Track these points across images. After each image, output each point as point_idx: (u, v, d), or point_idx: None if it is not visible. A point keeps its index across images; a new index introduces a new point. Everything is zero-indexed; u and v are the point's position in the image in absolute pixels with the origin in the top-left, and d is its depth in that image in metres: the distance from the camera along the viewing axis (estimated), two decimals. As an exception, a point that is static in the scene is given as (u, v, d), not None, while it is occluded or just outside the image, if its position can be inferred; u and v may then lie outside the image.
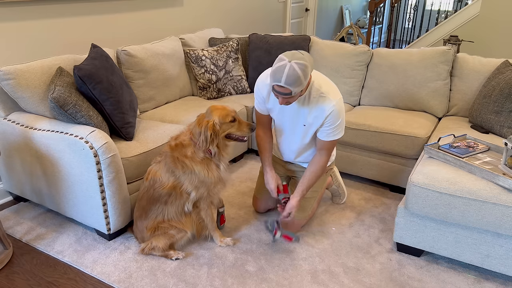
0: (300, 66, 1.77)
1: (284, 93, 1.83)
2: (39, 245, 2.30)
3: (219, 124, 2.03)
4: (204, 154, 2.05)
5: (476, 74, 2.87)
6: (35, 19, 2.66)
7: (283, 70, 1.77)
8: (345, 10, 7.32)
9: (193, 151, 2.05)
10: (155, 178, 2.10)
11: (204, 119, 2.05)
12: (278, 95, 1.88)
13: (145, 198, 2.15)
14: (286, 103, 1.93)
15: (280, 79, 1.78)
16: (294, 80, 1.77)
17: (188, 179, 2.07)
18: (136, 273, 2.09)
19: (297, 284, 2.02)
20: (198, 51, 3.38)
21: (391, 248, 2.29)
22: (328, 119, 2.03)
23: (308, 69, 1.81)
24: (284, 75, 1.77)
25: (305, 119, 2.09)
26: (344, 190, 2.69)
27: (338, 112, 2.02)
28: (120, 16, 3.21)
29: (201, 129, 2.01)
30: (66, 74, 2.34)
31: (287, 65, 1.77)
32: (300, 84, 1.79)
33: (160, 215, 2.14)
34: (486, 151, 2.18)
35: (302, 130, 2.15)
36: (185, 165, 2.05)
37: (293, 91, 1.80)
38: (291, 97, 1.88)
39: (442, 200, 1.95)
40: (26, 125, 2.35)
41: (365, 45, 3.26)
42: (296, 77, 1.77)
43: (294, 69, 1.76)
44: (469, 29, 5.44)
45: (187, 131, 2.13)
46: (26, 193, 2.58)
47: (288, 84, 1.78)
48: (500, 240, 1.93)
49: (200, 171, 2.05)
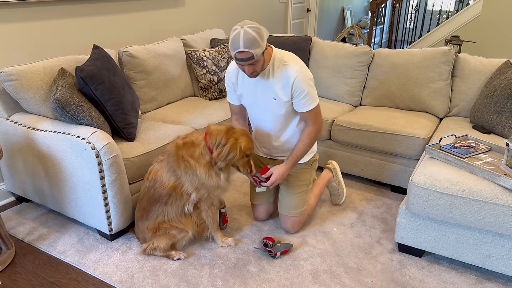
0: (254, 29, 1.88)
1: (247, 58, 1.91)
2: (41, 246, 2.31)
3: (242, 152, 2.06)
4: (210, 158, 2.05)
5: (477, 74, 2.87)
6: (37, 20, 2.67)
7: (239, 37, 1.88)
8: (346, 10, 7.32)
9: (201, 152, 2.05)
10: (155, 178, 2.11)
11: (233, 134, 2.05)
12: (244, 65, 1.96)
13: (145, 199, 2.15)
14: (253, 71, 1.99)
15: (238, 45, 1.88)
16: (252, 42, 1.87)
17: (189, 180, 2.07)
18: (138, 273, 2.09)
19: (298, 284, 2.02)
20: (199, 51, 3.39)
21: (392, 249, 2.29)
22: (295, 86, 2.05)
23: (261, 31, 1.91)
24: (241, 39, 1.87)
25: (274, 92, 2.12)
26: (343, 190, 2.68)
27: (303, 76, 2.05)
28: (122, 17, 3.22)
29: (228, 145, 2.01)
30: (68, 75, 2.35)
31: (241, 31, 1.88)
32: (258, 46, 1.89)
33: (160, 215, 2.15)
34: (487, 152, 2.18)
35: (273, 106, 2.16)
36: (189, 165, 2.04)
37: (254, 53, 1.89)
38: (255, 61, 1.94)
39: (443, 201, 1.95)
40: (28, 126, 2.35)
41: (367, 46, 3.26)
42: (253, 38, 1.87)
43: (249, 32, 1.87)
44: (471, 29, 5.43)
45: (199, 133, 2.13)
46: (29, 194, 2.59)
47: (247, 47, 1.87)
48: (501, 240, 1.93)
49: (202, 174, 2.05)
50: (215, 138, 2.03)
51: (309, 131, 2.18)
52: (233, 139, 2.02)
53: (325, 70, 3.36)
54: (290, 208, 2.33)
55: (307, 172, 2.38)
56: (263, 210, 2.49)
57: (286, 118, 2.21)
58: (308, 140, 2.18)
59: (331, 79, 3.34)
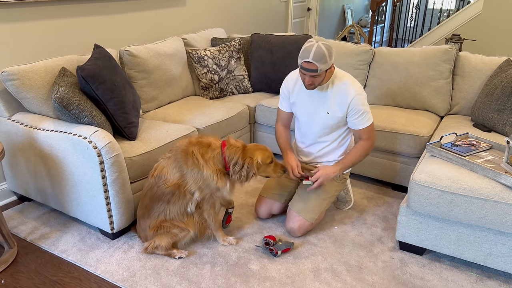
0: (326, 46, 2.02)
1: (311, 69, 2.03)
2: (43, 244, 2.32)
3: (261, 165, 2.13)
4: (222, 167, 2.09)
5: (478, 72, 2.87)
6: (38, 20, 2.68)
7: (311, 48, 2.01)
8: (347, 9, 7.32)
9: (214, 156, 2.07)
10: (160, 175, 2.10)
11: (247, 153, 2.10)
12: (306, 74, 2.07)
13: (148, 196, 2.16)
14: (311, 84, 2.10)
15: (308, 55, 2.01)
16: (320, 57, 2.00)
17: (193, 178, 2.07)
18: (139, 271, 2.10)
19: (299, 282, 2.03)
20: (200, 51, 3.39)
21: (393, 247, 2.29)
22: (352, 105, 2.16)
23: (332, 50, 2.05)
24: (312, 52, 2.00)
25: (329, 106, 2.22)
26: (351, 199, 2.67)
27: (361, 96, 2.16)
28: (123, 17, 3.23)
29: (245, 166, 2.07)
30: (70, 75, 2.35)
31: (315, 44, 2.02)
32: (325, 62, 2.02)
33: (162, 214, 2.15)
34: (488, 150, 2.18)
35: (325, 118, 2.25)
36: (197, 162, 2.04)
37: (319, 67, 2.01)
38: (317, 75, 2.06)
39: (444, 199, 1.95)
40: (30, 125, 2.36)
41: (367, 44, 3.26)
42: (322, 54, 2.00)
43: (321, 48, 2.01)
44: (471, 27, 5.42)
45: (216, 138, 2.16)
46: (30, 193, 2.60)
47: (315, 60, 2.00)
48: (502, 238, 1.93)
49: (209, 175, 2.05)
50: (233, 154, 2.08)
51: (364, 144, 2.28)
52: (248, 159, 2.09)
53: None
54: (305, 209, 2.31)
55: (333, 184, 2.39)
56: (267, 206, 2.47)
57: (332, 130, 2.30)
58: (363, 151, 2.28)
59: (332, 78, 3.34)
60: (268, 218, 2.53)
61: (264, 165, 2.15)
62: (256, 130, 3.41)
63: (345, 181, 2.46)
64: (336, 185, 2.39)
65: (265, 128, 3.34)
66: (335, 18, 7.08)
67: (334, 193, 2.39)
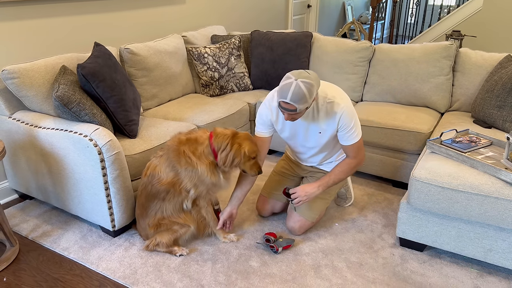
0: (306, 85, 1.83)
1: (289, 110, 1.89)
2: (45, 242, 2.32)
3: (246, 156, 2.07)
4: (213, 159, 2.07)
5: (478, 69, 2.87)
6: (38, 18, 2.67)
7: (289, 88, 1.83)
8: (347, 6, 7.30)
9: (204, 151, 2.05)
10: (153, 173, 2.10)
11: (236, 140, 2.06)
12: (284, 111, 1.93)
13: (143, 195, 2.16)
14: (291, 119, 1.98)
15: (286, 96, 1.84)
16: (299, 98, 1.83)
17: (188, 176, 2.06)
18: (141, 269, 2.11)
19: (300, 279, 2.03)
20: (200, 48, 3.39)
21: (394, 243, 2.30)
22: (341, 122, 2.05)
23: (313, 88, 1.86)
24: (290, 92, 1.82)
25: (319, 127, 2.12)
26: (352, 195, 2.67)
27: (348, 113, 2.04)
28: (123, 15, 3.22)
29: (232, 151, 2.03)
30: (70, 73, 2.35)
31: (293, 83, 1.83)
32: (305, 102, 1.85)
33: (159, 211, 2.15)
34: (488, 146, 2.18)
35: (318, 138, 2.17)
36: (190, 161, 2.04)
37: (298, 108, 1.86)
38: (296, 113, 1.93)
39: (444, 195, 1.96)
40: (31, 124, 2.37)
41: (367, 41, 3.26)
42: (302, 95, 1.83)
43: (300, 87, 1.82)
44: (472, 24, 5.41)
45: (204, 131, 2.14)
46: (32, 191, 2.60)
47: (293, 101, 1.83)
48: (502, 234, 1.93)
49: (203, 171, 2.05)
50: (221, 142, 2.04)
51: (350, 162, 2.20)
52: (237, 145, 2.04)
53: (326, 66, 3.36)
54: (305, 209, 2.31)
55: (338, 185, 2.38)
56: (269, 205, 2.47)
57: (328, 144, 2.22)
58: (347, 169, 2.20)
59: (332, 75, 3.34)
60: (269, 215, 2.54)
61: (248, 157, 2.09)
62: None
63: (345, 181, 2.45)
64: (336, 186, 2.39)
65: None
66: (335, 15, 7.06)
67: (333, 191, 2.40)
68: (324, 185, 2.20)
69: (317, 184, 2.20)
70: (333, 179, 2.21)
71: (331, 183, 2.21)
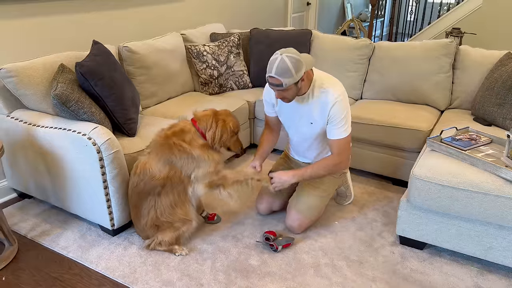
0: (291, 59, 1.88)
1: (276, 84, 1.93)
2: (44, 241, 2.32)
3: (232, 131, 2.13)
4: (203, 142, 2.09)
5: (478, 66, 2.86)
6: (36, 17, 2.66)
7: (274, 62, 1.90)
8: (346, 3, 7.29)
9: (193, 137, 2.08)
10: (144, 171, 2.08)
11: (220, 117, 2.12)
12: (273, 88, 1.97)
13: (135, 194, 2.13)
14: (282, 97, 2.01)
15: (271, 70, 1.90)
16: (284, 72, 1.88)
17: (186, 164, 2.06)
18: (140, 268, 2.10)
19: (300, 277, 2.03)
20: (199, 46, 3.38)
21: (394, 241, 2.29)
22: (332, 112, 2.05)
23: (300, 63, 1.90)
24: (275, 66, 1.89)
25: (311, 116, 2.12)
26: (351, 194, 2.67)
27: (341, 105, 2.04)
28: (122, 13, 3.21)
29: (219, 127, 2.08)
30: (68, 71, 2.34)
31: (278, 58, 1.89)
32: (290, 76, 1.89)
33: (152, 208, 2.11)
34: (488, 144, 2.18)
35: (310, 129, 2.17)
36: (183, 149, 2.04)
37: (283, 82, 1.90)
38: (284, 89, 1.95)
39: (444, 193, 1.95)
40: (29, 122, 2.36)
41: (367, 39, 3.25)
42: (286, 68, 1.87)
43: (284, 61, 1.87)
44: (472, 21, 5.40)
45: (185, 121, 2.15)
46: (31, 190, 2.60)
47: (278, 75, 1.89)
48: (502, 232, 1.93)
49: (199, 155, 2.06)
50: (205, 122, 2.10)
51: (332, 159, 2.17)
52: (221, 121, 2.10)
53: (326, 64, 3.34)
54: (304, 207, 2.30)
55: (331, 180, 2.37)
56: (268, 203, 2.47)
57: (321, 138, 2.23)
58: (327, 165, 2.17)
59: (331, 72, 3.27)
60: (268, 214, 2.54)
61: (232, 132, 2.15)
62: (256, 125, 3.40)
63: (343, 176, 2.45)
64: (333, 181, 2.39)
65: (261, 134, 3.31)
66: (335, 12, 7.05)
67: (332, 189, 2.39)
68: (299, 175, 2.19)
69: (292, 173, 2.20)
70: (309, 172, 2.18)
71: (306, 176, 2.20)
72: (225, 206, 2.63)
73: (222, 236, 2.34)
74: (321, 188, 2.33)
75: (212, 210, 2.59)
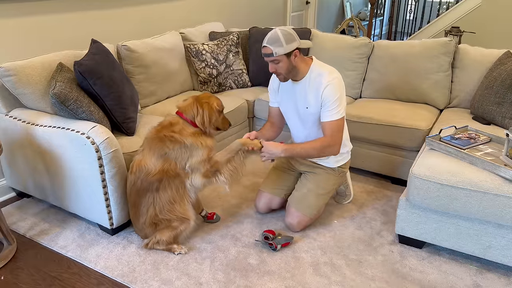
0: (282, 31, 2.03)
1: (267, 54, 2.05)
2: (42, 240, 2.32)
3: (218, 110, 2.16)
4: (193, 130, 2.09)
5: (477, 65, 2.86)
6: (35, 15, 2.66)
7: (268, 34, 2.05)
8: (346, 2, 7.28)
9: (182, 127, 2.08)
10: (140, 168, 2.07)
11: (202, 100, 2.13)
12: (267, 60, 2.09)
13: (133, 192, 2.13)
14: (275, 71, 2.11)
15: (264, 40, 2.05)
16: (274, 40, 2.01)
17: (180, 154, 2.05)
18: (139, 267, 2.10)
19: (299, 276, 2.03)
20: (198, 45, 3.37)
21: (393, 240, 2.29)
22: (324, 94, 2.10)
23: (291, 36, 2.04)
24: (267, 37, 2.05)
25: (307, 100, 2.18)
26: (351, 193, 2.67)
27: (334, 87, 2.09)
28: (120, 11, 3.20)
29: (206, 111, 2.10)
30: (67, 70, 2.34)
31: (273, 30, 2.05)
32: (280, 46, 2.01)
33: (151, 206, 2.11)
34: (487, 142, 2.18)
35: (307, 114, 2.21)
36: (174, 139, 2.04)
37: (273, 50, 2.02)
38: (275, 59, 2.05)
39: (443, 192, 1.95)
40: (28, 121, 2.35)
41: (366, 37, 3.25)
42: (277, 38, 2.01)
43: (276, 32, 2.03)
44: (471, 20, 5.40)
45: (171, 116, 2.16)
46: (29, 189, 2.59)
47: (269, 44, 2.02)
48: (501, 231, 1.93)
49: (192, 143, 2.06)
50: (191, 110, 2.11)
51: (323, 140, 2.17)
52: (205, 104, 2.12)
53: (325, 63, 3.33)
54: (304, 205, 2.30)
55: (331, 179, 2.37)
56: (267, 201, 2.47)
57: (319, 128, 2.23)
58: (318, 146, 2.16)
59: (330, 71, 3.33)
60: (267, 212, 2.53)
61: (219, 111, 2.17)
62: (255, 124, 3.40)
63: (343, 175, 2.45)
64: (333, 180, 2.39)
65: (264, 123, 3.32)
66: (334, 11, 7.04)
67: (332, 187, 2.39)
68: (288, 150, 2.18)
69: (282, 147, 2.17)
70: (299, 149, 2.19)
71: (296, 153, 2.21)
72: (224, 205, 2.63)
73: (221, 235, 2.34)
74: (321, 186, 2.33)
75: (211, 209, 2.59)
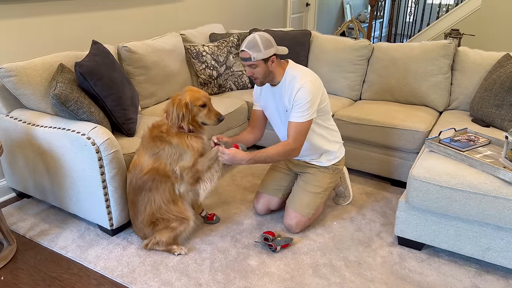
0: (260, 36, 2.06)
1: (245, 58, 2.07)
2: (42, 241, 2.32)
3: (192, 106, 2.08)
4: (178, 129, 2.08)
5: (477, 67, 2.87)
6: (35, 16, 2.66)
7: (246, 39, 2.08)
8: (346, 4, 7.29)
9: (168, 127, 2.10)
10: (135, 166, 2.12)
11: (177, 97, 2.10)
12: (245, 65, 2.11)
13: (131, 190, 2.15)
14: (252, 75, 2.13)
15: (243, 45, 2.08)
16: (252, 45, 2.04)
17: (169, 154, 2.07)
18: (139, 268, 2.10)
19: (298, 277, 2.03)
20: (198, 46, 3.38)
21: (392, 242, 2.30)
22: (296, 96, 2.10)
23: (269, 42, 2.07)
24: (246, 41, 2.07)
25: (284, 104, 2.20)
26: (350, 194, 2.67)
27: (307, 91, 2.07)
28: (121, 12, 3.21)
29: (173, 107, 2.06)
30: (68, 71, 2.34)
31: (251, 35, 2.08)
32: (258, 50, 2.04)
33: (148, 204, 2.12)
34: (486, 145, 2.18)
35: (286, 117, 2.21)
36: (162, 139, 2.08)
37: (251, 55, 2.04)
38: (253, 64, 2.07)
39: (443, 194, 1.96)
40: (29, 122, 2.36)
41: (366, 40, 3.26)
42: (255, 43, 2.04)
43: (254, 37, 2.06)
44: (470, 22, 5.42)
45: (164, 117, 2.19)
46: (29, 190, 2.59)
47: (247, 48, 2.05)
48: (500, 233, 1.94)
49: (178, 143, 2.07)
50: (168, 111, 2.10)
51: (286, 144, 2.12)
52: (177, 100, 2.07)
53: (325, 65, 3.35)
54: (300, 205, 2.31)
55: (326, 177, 2.37)
56: (265, 202, 2.48)
57: None
58: (281, 150, 2.11)
59: (330, 73, 3.34)
60: (266, 214, 2.54)
61: (195, 107, 2.07)
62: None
63: (338, 172, 2.43)
64: (329, 178, 2.39)
65: None
66: (334, 13, 7.05)
67: (328, 185, 2.39)
68: (253, 158, 2.10)
69: (247, 156, 2.09)
70: (264, 155, 2.12)
71: (261, 160, 2.13)
72: (224, 206, 2.64)
73: (221, 236, 2.35)
74: (315, 185, 2.34)
75: (211, 210, 2.59)
